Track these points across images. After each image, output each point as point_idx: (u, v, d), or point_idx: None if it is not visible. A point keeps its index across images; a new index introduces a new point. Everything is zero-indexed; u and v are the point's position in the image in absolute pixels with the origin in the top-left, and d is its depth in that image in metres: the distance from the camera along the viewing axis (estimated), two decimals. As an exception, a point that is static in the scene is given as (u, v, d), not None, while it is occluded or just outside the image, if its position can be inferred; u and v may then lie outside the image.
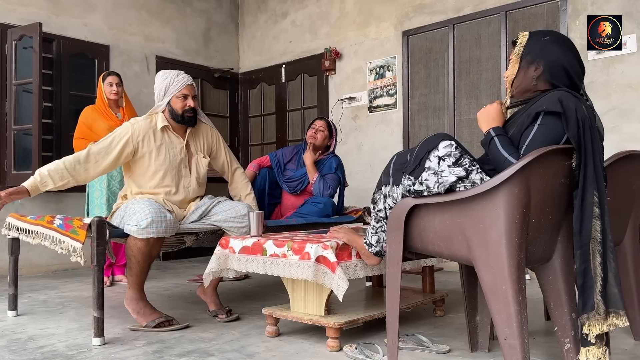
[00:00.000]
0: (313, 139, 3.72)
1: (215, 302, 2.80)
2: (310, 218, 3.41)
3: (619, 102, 3.75)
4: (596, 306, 1.59)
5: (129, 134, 2.71)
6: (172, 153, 2.80)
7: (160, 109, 2.82)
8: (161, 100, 2.80)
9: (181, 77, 2.80)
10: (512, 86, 1.88)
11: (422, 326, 2.58)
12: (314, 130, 3.74)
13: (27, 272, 4.42)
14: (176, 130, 2.84)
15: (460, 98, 4.55)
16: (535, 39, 1.85)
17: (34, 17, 4.58)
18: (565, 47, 1.83)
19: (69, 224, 2.48)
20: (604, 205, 1.63)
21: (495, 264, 1.63)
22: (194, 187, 2.87)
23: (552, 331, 1.98)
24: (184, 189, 2.83)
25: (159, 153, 2.76)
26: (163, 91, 2.79)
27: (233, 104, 6.38)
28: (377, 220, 1.98)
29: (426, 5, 4.77)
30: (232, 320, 2.71)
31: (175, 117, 2.80)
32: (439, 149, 1.73)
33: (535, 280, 3.53)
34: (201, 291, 2.87)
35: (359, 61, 5.24)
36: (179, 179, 2.82)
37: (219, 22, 6.23)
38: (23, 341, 2.40)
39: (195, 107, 2.83)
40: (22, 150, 4.49)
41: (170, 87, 2.77)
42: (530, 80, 1.83)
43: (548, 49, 1.82)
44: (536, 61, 1.82)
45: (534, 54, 1.83)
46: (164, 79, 2.80)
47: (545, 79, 1.81)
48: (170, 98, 2.78)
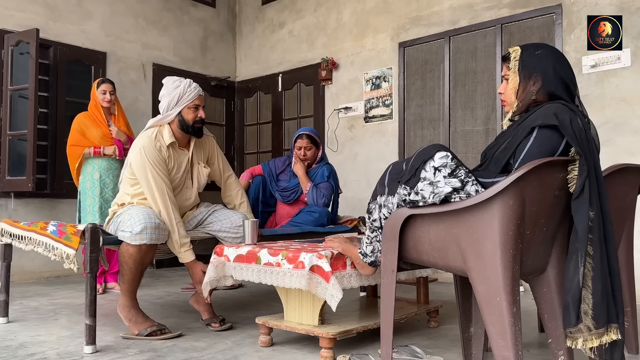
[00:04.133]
0: (304, 160, 3.70)
1: (208, 311, 2.78)
2: (305, 227, 3.40)
3: (613, 116, 3.78)
4: (583, 320, 1.59)
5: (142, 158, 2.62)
6: (177, 167, 2.74)
7: (169, 119, 2.71)
8: (171, 110, 2.69)
9: (194, 87, 2.72)
10: (517, 98, 1.88)
11: (416, 337, 2.58)
12: (301, 152, 3.69)
13: (19, 278, 4.38)
14: (181, 143, 2.78)
15: (456, 109, 4.58)
16: (528, 53, 1.86)
17: (31, 23, 4.58)
18: (559, 59, 1.85)
19: (62, 231, 2.46)
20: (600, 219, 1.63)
21: (490, 275, 1.63)
22: (193, 198, 2.86)
23: (546, 343, 1.98)
24: (185, 200, 2.82)
25: (165, 172, 2.67)
26: (175, 100, 2.68)
27: (229, 112, 6.39)
28: (372, 230, 1.98)
29: (422, 17, 4.80)
30: (225, 330, 2.69)
31: (185, 127, 2.72)
32: (434, 159, 1.73)
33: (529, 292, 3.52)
34: (194, 300, 2.85)
35: (355, 71, 5.27)
36: (181, 189, 2.79)
37: (216, 31, 6.25)
38: (13, 348, 2.37)
39: (205, 118, 2.78)
40: (17, 156, 4.47)
41: (183, 97, 2.68)
42: (530, 94, 1.85)
43: (543, 62, 1.83)
44: (533, 75, 1.83)
45: (530, 69, 1.84)
46: (175, 87, 2.69)
47: (544, 92, 1.83)
48: (182, 108, 2.69)
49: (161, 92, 2.75)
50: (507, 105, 1.93)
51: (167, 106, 2.70)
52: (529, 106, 1.86)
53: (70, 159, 3.93)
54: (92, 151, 3.87)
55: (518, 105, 1.87)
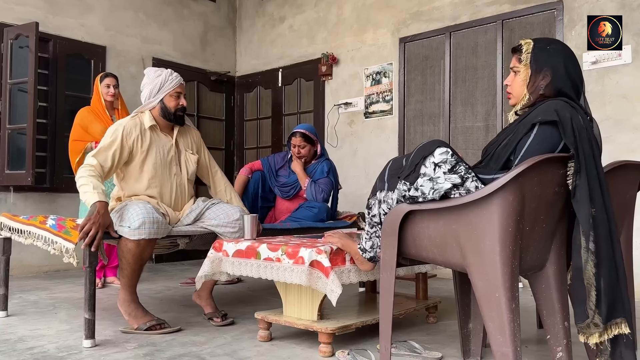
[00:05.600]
0: (299, 155, 3.71)
1: (210, 305, 2.79)
2: (305, 222, 3.40)
3: (614, 112, 3.78)
4: (590, 317, 1.58)
5: (122, 135, 2.67)
6: (162, 152, 2.79)
7: (151, 106, 2.80)
8: (153, 97, 2.77)
9: (175, 75, 2.82)
10: (527, 91, 1.86)
11: (415, 333, 2.58)
12: (296, 149, 3.71)
13: (18, 272, 4.38)
14: (164, 129, 2.84)
15: (456, 105, 4.57)
16: (540, 47, 1.85)
17: (31, 17, 4.56)
18: (570, 56, 1.84)
19: (61, 225, 2.46)
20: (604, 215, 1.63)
21: (489, 271, 1.63)
22: (185, 184, 2.88)
23: (544, 339, 1.99)
24: (177, 186, 2.83)
25: (149, 153, 2.74)
26: (157, 88, 2.76)
27: (229, 107, 6.38)
28: (371, 225, 1.98)
29: (423, 12, 4.79)
30: (227, 325, 2.69)
31: (166, 115, 2.79)
32: (434, 155, 1.73)
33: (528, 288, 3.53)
34: (197, 296, 2.85)
35: (355, 67, 5.26)
36: (170, 177, 2.81)
37: (216, 26, 6.23)
38: (12, 342, 2.38)
39: (186, 107, 2.86)
40: (16, 150, 4.46)
41: (165, 85, 2.76)
42: (538, 89, 1.83)
43: (554, 58, 1.82)
44: (544, 70, 1.82)
45: (541, 63, 1.82)
46: (157, 76, 2.77)
47: (553, 87, 1.81)
48: (164, 96, 2.77)
49: (143, 81, 2.82)
50: (513, 97, 1.91)
51: (150, 94, 2.78)
52: (536, 100, 1.85)
53: (71, 154, 3.92)
54: (94, 146, 3.85)
55: (528, 98, 1.86)
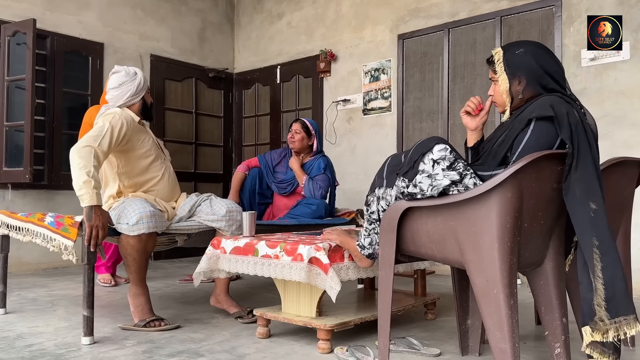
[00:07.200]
0: (292, 143, 3.73)
1: (234, 305, 2.80)
2: (303, 219, 3.40)
3: (612, 109, 3.78)
4: (597, 314, 1.58)
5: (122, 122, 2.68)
6: (149, 142, 2.89)
7: (132, 103, 2.88)
8: (135, 95, 2.87)
9: (143, 74, 2.98)
10: (509, 96, 1.89)
11: (413, 329, 2.59)
12: (291, 134, 3.76)
13: (16, 269, 4.38)
14: (141, 123, 2.96)
15: (455, 102, 4.57)
16: (509, 53, 1.88)
17: (28, 14, 4.55)
18: (539, 52, 1.86)
19: (60, 222, 2.46)
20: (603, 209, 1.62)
21: (488, 267, 1.63)
22: (172, 171, 3.00)
23: (542, 336, 1.99)
24: (169, 175, 2.93)
25: (144, 144, 2.84)
26: (140, 86, 2.88)
27: (227, 104, 6.37)
28: (370, 222, 1.98)
29: (422, 9, 4.78)
30: (253, 322, 2.63)
31: (145, 111, 2.94)
32: (433, 152, 1.73)
33: (526, 284, 3.54)
34: (215, 300, 2.86)
35: (354, 64, 5.25)
36: (164, 164, 2.91)
37: (214, 22, 6.22)
38: (11, 339, 2.38)
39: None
40: (14, 147, 4.45)
41: (144, 84, 2.91)
42: (516, 93, 1.87)
43: (524, 61, 1.85)
44: (517, 75, 1.86)
45: (513, 68, 1.86)
46: (134, 74, 2.89)
47: (530, 88, 1.85)
48: (145, 93, 2.91)
49: (117, 80, 2.84)
50: (499, 106, 1.96)
51: (135, 92, 2.85)
52: (521, 104, 1.87)
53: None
54: None
55: (515, 103, 1.88)
